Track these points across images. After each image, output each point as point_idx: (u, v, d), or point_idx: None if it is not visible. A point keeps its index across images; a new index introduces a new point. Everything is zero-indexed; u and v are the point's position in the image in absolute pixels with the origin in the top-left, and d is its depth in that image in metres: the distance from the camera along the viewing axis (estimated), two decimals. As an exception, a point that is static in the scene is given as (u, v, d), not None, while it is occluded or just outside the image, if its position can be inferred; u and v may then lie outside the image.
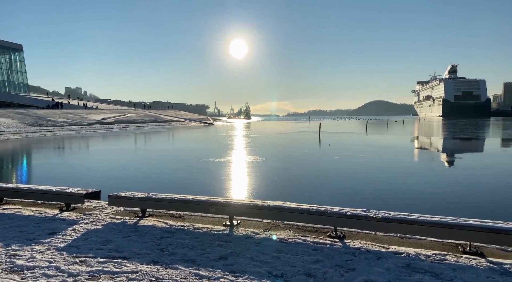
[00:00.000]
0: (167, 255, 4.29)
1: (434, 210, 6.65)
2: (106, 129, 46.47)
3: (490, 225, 4.16)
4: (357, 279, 3.56)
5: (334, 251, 4.35)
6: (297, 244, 4.63)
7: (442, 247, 4.52)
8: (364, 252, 4.33)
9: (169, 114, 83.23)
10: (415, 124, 76.47)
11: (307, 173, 13.28)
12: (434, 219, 4.41)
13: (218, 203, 5.51)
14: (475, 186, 10.69)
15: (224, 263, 4.01)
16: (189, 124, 73.12)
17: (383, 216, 4.58)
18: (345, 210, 4.84)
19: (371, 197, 9.25)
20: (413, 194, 9.58)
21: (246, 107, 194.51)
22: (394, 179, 11.93)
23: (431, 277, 3.59)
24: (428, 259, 4.09)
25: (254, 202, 5.59)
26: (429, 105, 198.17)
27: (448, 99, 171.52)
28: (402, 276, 3.63)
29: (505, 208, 8.07)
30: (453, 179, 12.39)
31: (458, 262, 3.99)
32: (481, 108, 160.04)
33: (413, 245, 4.60)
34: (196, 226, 5.48)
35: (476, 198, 9.13)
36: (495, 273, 3.71)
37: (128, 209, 6.56)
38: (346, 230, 5.09)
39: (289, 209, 5.10)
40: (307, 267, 3.87)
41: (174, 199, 5.81)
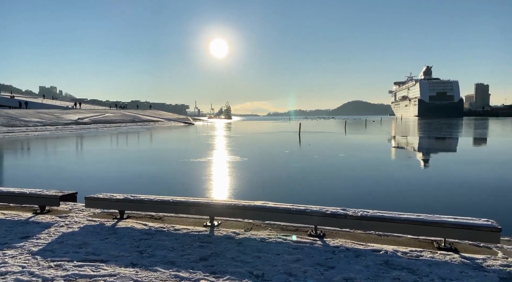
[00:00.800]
0: (147, 257, 4.22)
1: (411, 208, 6.83)
2: (82, 130, 45.31)
3: (463, 221, 4.30)
4: (337, 277, 3.60)
5: (314, 250, 4.40)
6: (277, 243, 4.65)
7: (418, 243, 4.64)
8: (344, 250, 4.39)
9: (148, 114, 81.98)
10: (392, 124, 78.26)
11: (287, 172, 13.37)
12: (411, 217, 4.52)
13: (199, 204, 5.47)
14: (450, 183, 11.03)
15: (205, 264, 3.98)
16: (169, 124, 72.25)
17: (361, 214, 4.66)
18: (325, 209, 4.90)
19: (351, 195, 9.40)
20: (390, 192, 9.80)
21: (227, 107, 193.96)
22: (372, 177, 12.16)
23: (408, 273, 3.68)
24: (405, 256, 4.19)
25: (235, 202, 5.57)
26: (405, 106, 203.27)
27: (424, 99, 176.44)
28: (381, 273, 3.70)
29: (478, 204, 8.36)
30: (429, 177, 12.75)
31: (433, 258, 4.10)
32: (455, 109, 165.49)
33: (391, 242, 4.70)
34: (176, 227, 5.42)
35: (450, 195, 9.42)
36: (468, 268, 3.83)
37: (105, 211, 6.41)
38: (326, 229, 5.15)
39: (270, 208, 5.12)
40: (287, 266, 3.89)
41: (154, 200, 5.73)
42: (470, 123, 71.39)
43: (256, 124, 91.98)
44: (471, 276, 3.60)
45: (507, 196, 9.27)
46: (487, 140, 31.96)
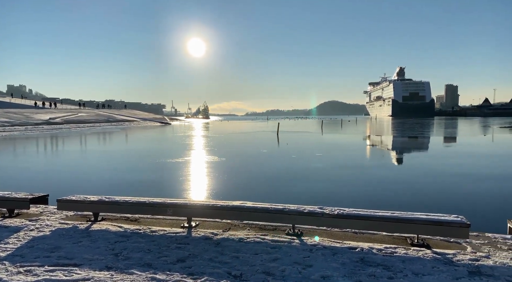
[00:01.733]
0: (122, 260, 4.13)
1: (385, 205, 7.00)
2: (54, 130, 43.82)
3: (434, 218, 4.45)
4: (314, 275, 3.64)
5: (292, 249, 4.43)
6: (256, 243, 4.66)
7: (392, 240, 4.76)
8: (321, 248, 4.44)
9: (123, 114, 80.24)
10: (367, 123, 79.99)
11: (266, 172, 13.41)
12: (386, 214, 4.63)
13: (176, 205, 5.40)
14: (422, 181, 11.38)
15: (182, 266, 3.93)
16: (145, 124, 70.99)
17: (338, 213, 4.74)
18: (303, 207, 4.94)
19: (328, 194, 9.54)
20: (366, 190, 10.01)
21: (205, 107, 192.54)
22: (348, 176, 12.39)
23: (383, 270, 3.77)
24: (380, 252, 4.29)
25: (213, 202, 5.54)
26: (379, 106, 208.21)
27: (397, 99, 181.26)
28: (357, 270, 3.77)
29: (448, 201, 8.67)
30: (402, 175, 13.11)
31: (407, 254, 4.22)
32: (426, 109, 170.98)
33: (367, 239, 4.80)
34: (152, 229, 5.33)
35: (423, 192, 9.72)
36: (440, 263, 3.97)
37: (79, 213, 6.23)
38: (304, 227, 5.20)
39: (248, 208, 5.12)
40: (266, 266, 3.90)
41: (129, 201, 5.60)
42: (440, 123, 73.96)
43: (234, 124, 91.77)
44: (442, 271, 3.72)
45: (475, 192, 9.66)
46: (456, 139, 33.22)
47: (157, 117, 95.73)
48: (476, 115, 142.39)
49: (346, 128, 52.94)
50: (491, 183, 11.09)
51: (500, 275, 3.59)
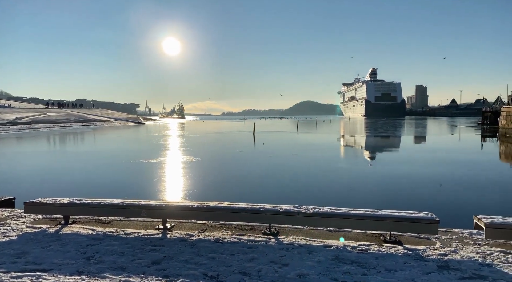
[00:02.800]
0: (94, 263, 4.01)
1: (360, 203, 7.14)
2: (21, 130, 42.01)
3: (406, 215, 4.58)
4: (291, 274, 3.67)
5: (269, 248, 4.44)
6: (232, 243, 4.64)
7: (366, 237, 4.87)
8: (297, 247, 4.48)
9: (95, 113, 78.04)
10: (341, 123, 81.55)
11: (242, 171, 13.40)
12: (360, 212, 4.73)
13: (150, 206, 5.29)
14: (394, 179, 11.72)
15: (157, 268, 3.86)
16: (118, 124, 69.31)
17: (314, 211, 4.79)
18: (279, 207, 4.97)
19: (304, 193, 9.64)
20: (341, 189, 10.19)
21: (180, 106, 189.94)
22: (324, 175, 12.58)
23: (357, 267, 3.84)
24: (354, 250, 4.37)
25: (189, 203, 5.47)
26: (353, 106, 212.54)
27: (370, 100, 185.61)
28: (332, 268, 3.83)
29: (420, 198, 8.96)
30: (375, 173, 13.44)
31: (380, 251, 4.32)
32: (398, 109, 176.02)
33: (341, 237, 4.88)
34: (126, 231, 5.20)
35: (395, 190, 10.00)
36: (411, 258, 4.09)
37: (48, 216, 5.99)
38: (280, 226, 5.23)
39: (225, 208, 5.09)
40: (242, 266, 3.89)
41: (102, 203, 5.45)
42: (411, 123, 76.40)
43: (210, 124, 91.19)
44: (413, 266, 3.84)
45: (443, 189, 10.04)
46: (426, 138, 34.42)
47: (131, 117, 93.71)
48: (444, 115, 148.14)
49: (321, 128, 53.73)
50: (458, 180, 11.56)
51: (467, 269, 3.75)
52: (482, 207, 7.86)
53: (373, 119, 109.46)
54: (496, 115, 42.08)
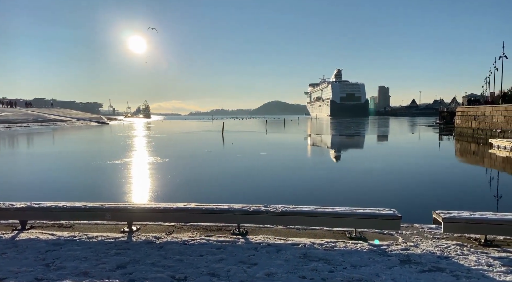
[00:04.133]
0: (54, 270, 3.82)
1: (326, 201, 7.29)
2: (-28, 130, 39.33)
3: (370, 212, 4.74)
4: (259, 273, 3.69)
5: (238, 248, 4.44)
6: (200, 244, 4.59)
7: (333, 235, 4.98)
8: (266, 246, 4.51)
9: (55, 113, 74.52)
10: (308, 123, 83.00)
11: (210, 172, 13.29)
12: (326, 210, 4.83)
13: (115, 209, 5.13)
14: (359, 177, 12.07)
15: (123, 272, 3.75)
16: (79, 124, 66.62)
17: (282, 210, 4.84)
18: (248, 206, 4.98)
19: (272, 192, 9.71)
20: (308, 187, 10.36)
21: (145, 106, 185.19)
22: (291, 174, 12.73)
23: (324, 264, 3.93)
24: (321, 247, 4.46)
25: (155, 205, 5.35)
26: (319, 106, 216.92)
27: (335, 100, 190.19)
28: (300, 265, 3.89)
29: (383, 195, 9.30)
30: (341, 171, 13.80)
31: (346, 248, 4.44)
32: (362, 109, 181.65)
33: (309, 235, 4.97)
34: (89, 235, 5.00)
35: (360, 187, 10.31)
36: (375, 254, 4.23)
37: (3, 222, 5.64)
38: (249, 226, 5.23)
39: (193, 209, 5.03)
40: (211, 267, 3.86)
41: (62, 207, 5.21)
42: (374, 122, 79.10)
43: (178, 123, 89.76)
44: (377, 262, 3.98)
45: (405, 186, 10.47)
46: (388, 137, 35.79)
47: (94, 116, 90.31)
48: (405, 115, 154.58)
49: (289, 128, 54.39)
50: (418, 177, 12.10)
51: (427, 262, 3.93)
52: (441, 202, 8.27)
53: (338, 119, 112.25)
54: (452, 115, 44.48)
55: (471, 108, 32.82)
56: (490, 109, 28.25)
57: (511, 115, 24.66)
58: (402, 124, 66.53)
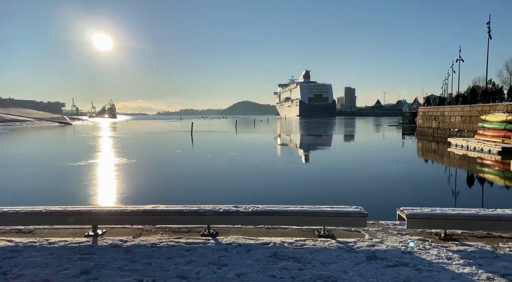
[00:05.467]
0: (12, 278, 3.61)
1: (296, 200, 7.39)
2: None
3: (338, 210, 4.84)
4: (229, 274, 3.67)
5: (207, 249, 4.40)
6: (169, 247, 4.50)
7: (302, 233, 5.05)
8: (236, 246, 4.50)
9: (12, 113, 70.63)
10: (278, 123, 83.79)
11: (180, 173, 13.09)
12: (296, 209, 4.89)
13: (79, 212, 4.92)
14: (328, 175, 12.33)
15: (87, 278, 3.60)
16: (40, 124, 63.52)
17: (252, 210, 4.84)
18: (218, 207, 4.94)
19: (243, 192, 9.71)
20: (278, 186, 10.45)
21: (111, 105, 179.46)
22: (262, 173, 12.79)
23: (294, 262, 3.97)
24: (291, 246, 4.51)
25: (122, 207, 5.20)
26: (288, 106, 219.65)
27: (304, 100, 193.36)
28: (270, 265, 3.91)
29: (350, 193, 9.54)
30: (310, 170, 14.03)
31: (315, 246, 4.51)
32: (329, 109, 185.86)
33: (279, 234, 5.01)
34: (51, 240, 4.77)
35: (328, 186, 10.53)
36: (343, 251, 4.33)
37: (-46, 229, 5.26)
38: (219, 227, 5.20)
39: (161, 211, 4.92)
40: (180, 269, 3.80)
41: (21, 211, 4.93)
42: (341, 122, 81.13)
43: (145, 123, 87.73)
44: (345, 258, 4.07)
45: (371, 184, 10.81)
46: (355, 137, 36.83)
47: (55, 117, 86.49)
48: (370, 115, 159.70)
49: (259, 128, 54.63)
50: (383, 175, 12.53)
51: (392, 258, 4.07)
52: (405, 199, 8.60)
53: (307, 119, 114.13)
54: (414, 115, 46.43)
55: (432, 109, 34.42)
56: (449, 110, 29.76)
57: (467, 116, 26.09)
58: (368, 124, 68.65)
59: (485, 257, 4.07)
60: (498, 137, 18.50)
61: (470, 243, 4.52)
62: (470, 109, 25.83)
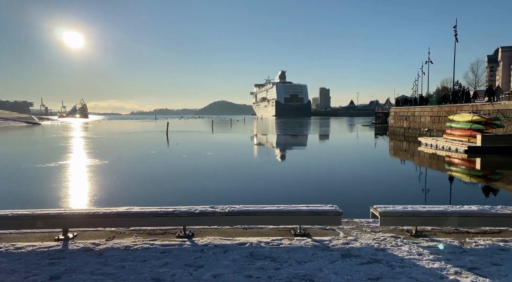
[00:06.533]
0: (-24, 287, 3.44)
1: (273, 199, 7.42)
2: None
3: (313, 208, 4.90)
4: (205, 275, 3.64)
5: (183, 251, 4.34)
6: (144, 249, 4.41)
7: (278, 232, 5.08)
8: (212, 247, 4.46)
9: (-24, 112, 67.20)
10: (254, 123, 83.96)
11: (154, 174, 12.87)
12: (272, 208, 4.91)
13: (48, 216, 4.74)
14: (304, 175, 12.46)
15: (57, 284, 3.47)
16: (6, 124, 60.80)
17: (229, 210, 4.82)
18: (194, 208, 4.89)
19: (220, 192, 9.65)
20: (255, 186, 10.47)
21: (82, 105, 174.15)
22: (239, 173, 12.77)
23: (270, 262, 3.99)
24: (267, 245, 4.52)
25: (94, 210, 5.05)
26: (265, 106, 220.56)
27: (280, 101, 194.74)
28: (246, 265, 3.90)
29: (326, 192, 9.68)
30: (286, 170, 14.13)
31: (291, 245, 4.55)
32: (304, 109, 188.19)
33: (256, 234, 5.01)
34: (18, 245, 4.57)
35: (304, 185, 10.64)
36: (318, 249, 4.39)
37: None
38: (195, 228, 5.14)
39: (135, 213, 4.82)
40: (155, 272, 3.73)
41: (-15, 216, 4.69)
42: (316, 122, 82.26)
43: (119, 123, 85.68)
44: (320, 257, 4.13)
45: (346, 183, 11.02)
46: (329, 136, 37.45)
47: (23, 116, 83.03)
48: (344, 115, 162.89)
49: (235, 128, 54.53)
50: (357, 174, 12.80)
51: (366, 255, 4.16)
52: (378, 197, 8.81)
53: (283, 119, 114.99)
54: (386, 115, 47.75)
55: (403, 109, 35.48)
56: (419, 110, 30.78)
57: (436, 116, 27.08)
58: (342, 124, 69.97)
59: (453, 252, 4.23)
60: (465, 136, 19.30)
61: (440, 239, 4.69)
62: (439, 110, 26.83)
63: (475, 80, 78.42)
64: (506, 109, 19.78)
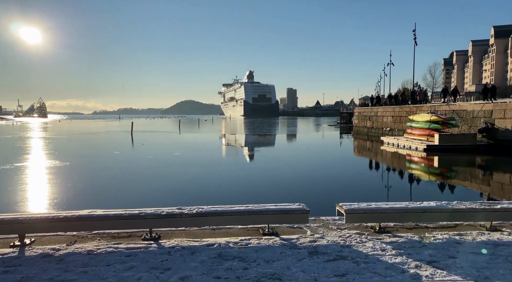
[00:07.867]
0: None
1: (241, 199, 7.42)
2: None
3: (281, 207, 4.95)
4: (173, 278, 3.57)
5: (149, 254, 4.24)
6: (108, 253, 4.26)
7: (247, 232, 5.08)
8: (179, 249, 4.39)
9: None
10: (222, 123, 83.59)
11: (119, 175, 12.47)
12: (241, 208, 4.90)
13: (2, 221, 4.46)
14: (271, 174, 12.56)
15: (13, 293, 3.28)
16: (-45, 123, 56.68)
17: (197, 211, 4.76)
18: (160, 210, 4.78)
19: (187, 193, 9.52)
20: (224, 186, 10.41)
21: (41, 104, 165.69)
22: (207, 174, 12.65)
23: (239, 262, 3.98)
24: (236, 245, 4.51)
25: (54, 213, 4.81)
26: (233, 106, 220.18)
27: (248, 101, 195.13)
28: (215, 266, 3.87)
29: (292, 191, 9.81)
30: (254, 169, 14.18)
31: (259, 244, 4.57)
32: (272, 109, 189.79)
33: (224, 234, 4.99)
34: (-32, 254, 4.27)
35: (271, 184, 10.72)
36: (286, 248, 4.44)
37: None
38: (162, 230, 5.03)
39: (98, 216, 4.64)
40: (119, 276, 3.61)
41: None
42: (284, 122, 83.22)
43: (81, 123, 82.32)
44: (288, 255, 4.18)
45: (312, 181, 11.22)
46: (296, 136, 38.01)
47: (-26, 115, 77.60)
48: (311, 115, 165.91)
49: (203, 128, 54.02)
50: (323, 172, 13.08)
51: (332, 252, 4.26)
52: (344, 195, 9.05)
53: (251, 119, 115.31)
54: (351, 115, 49.09)
55: (366, 109, 36.65)
56: (382, 110, 31.92)
57: (397, 116, 28.20)
58: (309, 124, 71.25)
59: (413, 246, 4.42)
60: (424, 136, 20.24)
61: (401, 234, 4.89)
62: (400, 110, 27.95)
63: (433, 82, 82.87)
64: (460, 110, 20.96)
